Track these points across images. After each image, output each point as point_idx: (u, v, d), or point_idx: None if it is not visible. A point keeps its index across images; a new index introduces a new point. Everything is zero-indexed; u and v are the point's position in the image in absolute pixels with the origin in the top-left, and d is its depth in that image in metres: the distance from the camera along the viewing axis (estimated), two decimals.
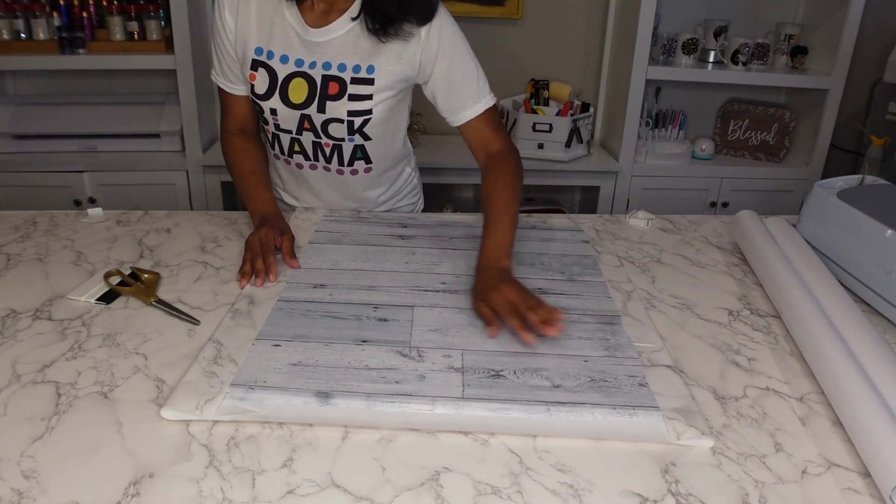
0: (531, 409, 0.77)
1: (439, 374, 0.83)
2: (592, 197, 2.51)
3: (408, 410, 0.76)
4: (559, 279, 1.10)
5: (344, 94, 1.15)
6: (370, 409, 0.76)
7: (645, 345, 0.92)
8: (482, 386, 0.81)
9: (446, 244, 1.21)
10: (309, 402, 0.77)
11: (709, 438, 0.75)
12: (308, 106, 1.17)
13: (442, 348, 0.88)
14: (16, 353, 0.85)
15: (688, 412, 0.78)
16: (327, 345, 0.88)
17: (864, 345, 0.84)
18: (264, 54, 1.16)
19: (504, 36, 2.53)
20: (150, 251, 1.15)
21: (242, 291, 1.02)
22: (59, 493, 0.64)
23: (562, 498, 0.66)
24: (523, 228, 1.31)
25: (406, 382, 0.81)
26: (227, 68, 1.22)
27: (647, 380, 0.84)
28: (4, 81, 2.36)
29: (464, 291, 1.03)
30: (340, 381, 0.80)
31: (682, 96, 2.64)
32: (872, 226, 1.05)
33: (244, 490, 0.65)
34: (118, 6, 2.19)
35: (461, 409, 0.77)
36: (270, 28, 1.14)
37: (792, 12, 2.60)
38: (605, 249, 1.24)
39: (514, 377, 0.83)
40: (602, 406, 0.78)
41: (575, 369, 0.85)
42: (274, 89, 1.17)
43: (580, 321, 0.97)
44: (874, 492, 0.69)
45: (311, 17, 1.13)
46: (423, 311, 0.97)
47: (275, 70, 1.16)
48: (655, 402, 0.79)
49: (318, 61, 1.14)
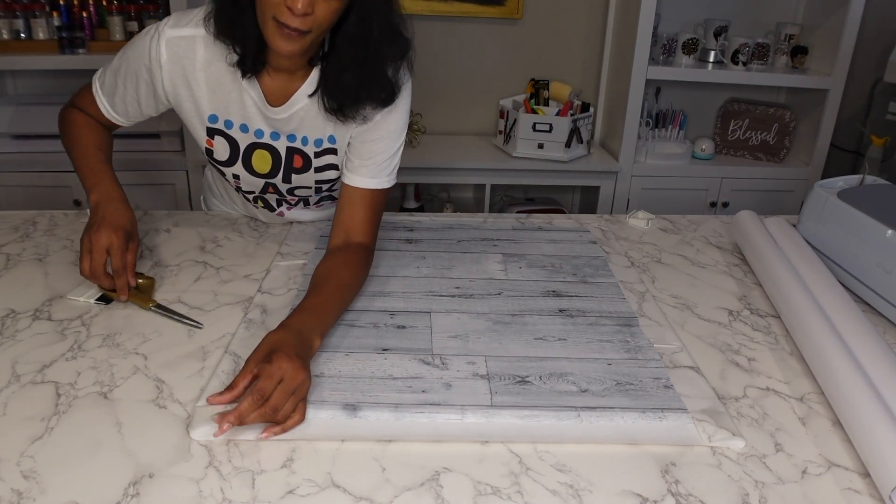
0: (562, 415, 0.76)
1: (465, 381, 0.82)
2: (592, 197, 2.51)
3: (438, 421, 0.75)
4: (572, 281, 1.10)
5: (310, 168, 1.12)
6: (399, 420, 0.75)
7: (665, 346, 0.92)
8: (510, 393, 0.80)
9: (455, 247, 1.20)
10: (336, 416, 0.75)
11: (739, 439, 0.75)
12: (273, 176, 1.14)
13: (464, 355, 0.87)
14: (16, 353, 0.85)
15: (715, 413, 0.79)
16: (348, 354, 0.86)
17: (864, 345, 0.84)
18: (220, 122, 1.08)
19: (504, 36, 2.53)
20: (149, 251, 1.15)
21: (254, 300, 1.00)
22: (59, 493, 0.64)
23: (562, 498, 0.66)
24: (529, 230, 1.30)
25: (433, 391, 0.79)
26: (128, 104, 1.09)
27: (671, 381, 0.84)
28: (4, 81, 2.36)
29: (479, 296, 1.03)
30: (366, 393, 0.78)
31: (682, 96, 2.64)
32: (872, 226, 1.05)
33: (244, 490, 0.65)
34: (118, 6, 2.19)
35: (491, 417, 0.76)
36: (227, 97, 1.06)
37: (792, 12, 2.60)
38: (613, 250, 1.24)
39: (541, 383, 0.82)
40: (631, 410, 0.78)
41: (599, 373, 0.85)
42: (236, 158, 1.11)
43: (598, 323, 0.97)
44: (874, 492, 0.69)
45: (269, 90, 1.04)
46: (441, 317, 0.96)
47: (235, 139, 1.10)
48: (683, 405, 0.79)
49: (282, 133, 1.09)
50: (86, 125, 1.12)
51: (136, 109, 1.11)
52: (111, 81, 1.09)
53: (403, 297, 1.01)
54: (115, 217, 1.00)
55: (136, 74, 1.06)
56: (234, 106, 1.06)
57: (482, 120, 2.61)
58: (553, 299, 1.03)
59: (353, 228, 1.06)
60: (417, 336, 0.91)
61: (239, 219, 1.29)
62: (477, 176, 2.40)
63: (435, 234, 1.26)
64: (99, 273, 0.96)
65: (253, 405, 0.71)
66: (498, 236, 1.26)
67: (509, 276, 1.10)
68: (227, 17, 0.97)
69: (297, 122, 1.08)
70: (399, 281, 1.06)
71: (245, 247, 1.18)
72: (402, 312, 0.97)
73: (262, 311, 0.97)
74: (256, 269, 1.10)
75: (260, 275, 1.08)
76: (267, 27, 0.91)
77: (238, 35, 0.97)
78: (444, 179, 2.40)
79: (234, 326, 0.93)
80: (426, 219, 1.34)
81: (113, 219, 0.99)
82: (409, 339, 0.90)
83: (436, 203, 2.66)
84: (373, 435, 0.73)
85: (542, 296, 1.04)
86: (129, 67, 1.06)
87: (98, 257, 0.95)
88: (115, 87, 1.09)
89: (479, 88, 2.56)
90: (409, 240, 1.22)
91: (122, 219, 1.00)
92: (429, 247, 1.20)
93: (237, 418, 0.71)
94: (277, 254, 1.15)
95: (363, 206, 1.07)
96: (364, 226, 1.06)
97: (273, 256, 1.15)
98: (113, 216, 1.00)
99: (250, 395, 0.71)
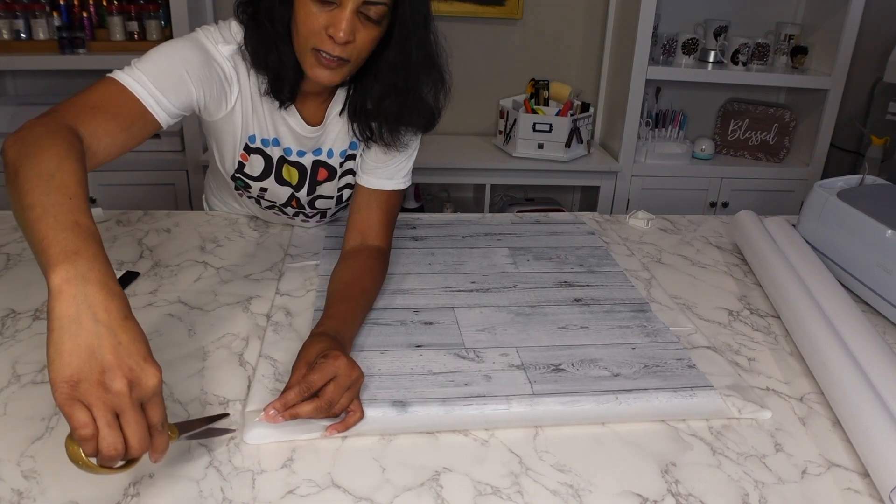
0: (601, 399, 0.80)
1: (503, 373, 0.85)
2: (592, 197, 2.51)
3: (486, 412, 0.78)
4: (580, 271, 1.13)
5: (334, 177, 1.13)
6: (449, 413, 0.77)
7: (679, 329, 0.97)
8: (548, 381, 0.83)
9: (460, 243, 1.23)
10: (387, 413, 0.76)
11: (767, 410, 0.80)
12: (299, 189, 1.14)
13: (496, 347, 0.90)
14: (16, 353, 0.85)
15: (740, 388, 0.84)
16: (383, 353, 0.88)
17: (864, 345, 0.84)
18: (258, 141, 1.06)
19: (504, 36, 2.53)
20: (150, 251, 1.15)
21: (275, 302, 0.98)
22: (59, 493, 0.64)
23: (562, 498, 0.66)
24: (528, 223, 1.32)
25: (475, 384, 0.82)
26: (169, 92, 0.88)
27: (693, 361, 0.89)
28: (4, 81, 2.36)
29: (495, 289, 1.06)
30: (411, 389, 0.80)
31: (682, 96, 2.64)
32: (872, 226, 1.05)
33: (244, 490, 0.65)
34: (118, 6, 2.19)
35: (535, 405, 0.79)
36: (270, 117, 1.04)
37: (792, 12, 2.60)
38: (612, 240, 1.27)
39: (575, 370, 0.86)
40: (664, 390, 0.82)
41: (626, 357, 0.89)
42: (269, 173, 1.11)
43: (614, 310, 1.01)
44: (874, 492, 0.69)
45: (304, 112, 1.05)
46: (464, 312, 0.98)
47: (270, 156, 1.09)
48: (709, 382, 0.84)
49: (308, 149, 1.10)
50: (72, 150, 0.69)
51: (178, 101, 0.90)
52: (153, 69, 0.87)
53: (423, 294, 1.03)
54: (132, 349, 0.56)
55: (200, 66, 0.92)
56: (271, 126, 1.06)
57: (482, 120, 2.61)
58: (566, 289, 1.07)
59: (369, 230, 1.05)
60: (446, 331, 0.93)
61: (239, 219, 1.29)
62: (477, 176, 2.40)
63: (439, 230, 1.28)
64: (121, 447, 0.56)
65: (299, 395, 0.71)
66: (500, 231, 1.29)
67: (519, 268, 1.13)
68: (264, 49, 0.95)
69: (326, 137, 1.09)
70: (415, 278, 1.08)
71: (245, 247, 1.18)
72: (425, 309, 0.99)
73: (286, 312, 0.97)
74: (257, 269, 1.10)
75: (260, 275, 1.08)
76: (306, 58, 0.91)
77: (274, 66, 0.96)
78: (444, 179, 2.40)
79: (235, 327, 0.93)
80: (427, 216, 1.35)
81: (131, 352, 0.56)
82: (440, 334, 0.93)
83: (436, 203, 2.65)
84: (424, 429, 0.75)
85: (556, 286, 1.08)
86: (184, 58, 0.91)
87: (117, 433, 0.55)
88: (165, 78, 0.88)
89: (479, 88, 2.56)
90: (414, 237, 1.24)
91: (143, 348, 0.57)
92: (436, 243, 1.22)
93: (283, 405, 0.71)
94: (286, 255, 1.14)
95: (379, 207, 1.07)
96: (380, 228, 1.06)
97: (274, 256, 1.15)
98: (129, 346, 0.56)
99: (297, 386, 0.71)
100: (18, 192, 0.63)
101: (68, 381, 0.53)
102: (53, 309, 0.55)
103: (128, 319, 0.57)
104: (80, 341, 0.54)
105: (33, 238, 0.59)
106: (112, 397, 0.54)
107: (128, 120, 0.84)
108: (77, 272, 0.56)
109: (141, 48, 2.17)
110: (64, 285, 0.55)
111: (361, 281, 0.96)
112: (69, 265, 0.56)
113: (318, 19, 0.88)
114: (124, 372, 0.55)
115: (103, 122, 0.80)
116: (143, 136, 0.87)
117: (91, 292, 0.56)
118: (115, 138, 0.82)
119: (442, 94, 1.03)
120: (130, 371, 0.55)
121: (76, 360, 0.54)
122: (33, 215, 0.60)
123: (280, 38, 0.93)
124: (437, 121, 1.06)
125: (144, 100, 0.86)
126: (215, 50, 0.96)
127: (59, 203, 0.61)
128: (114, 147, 0.82)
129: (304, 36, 0.89)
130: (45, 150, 0.67)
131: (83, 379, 0.53)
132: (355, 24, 0.88)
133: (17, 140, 0.69)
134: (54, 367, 0.53)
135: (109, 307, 0.56)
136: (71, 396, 0.53)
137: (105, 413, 0.54)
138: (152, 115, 0.87)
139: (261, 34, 0.94)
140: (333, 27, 0.87)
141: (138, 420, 0.56)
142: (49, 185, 0.63)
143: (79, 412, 0.53)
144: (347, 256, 1.02)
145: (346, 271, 0.98)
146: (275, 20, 0.92)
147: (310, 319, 0.94)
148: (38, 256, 0.58)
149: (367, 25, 0.89)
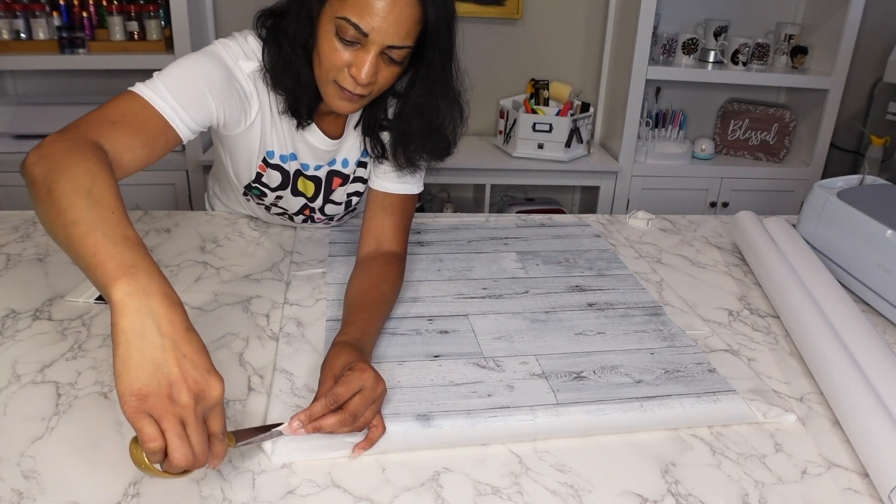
0: (626, 407, 0.78)
1: (525, 382, 0.82)
2: (592, 197, 2.51)
3: (511, 423, 0.75)
4: (591, 275, 1.12)
5: (346, 183, 1.15)
6: (474, 426, 0.74)
7: (695, 332, 0.96)
8: (571, 389, 0.81)
9: (467, 248, 1.21)
10: (412, 428, 0.73)
11: (791, 413, 0.79)
12: (314, 200, 1.16)
13: (515, 356, 0.88)
14: (16, 353, 0.85)
15: (763, 392, 0.83)
16: (401, 364, 0.85)
17: (864, 345, 0.84)
18: (276, 157, 1.07)
19: (504, 36, 2.53)
20: (150, 251, 1.15)
21: (284, 313, 0.96)
22: (59, 493, 0.64)
23: (562, 498, 0.66)
24: (532, 227, 1.31)
25: (498, 395, 0.80)
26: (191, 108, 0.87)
27: (713, 365, 0.88)
28: (4, 81, 2.36)
29: (508, 295, 1.04)
30: (433, 402, 0.78)
31: (682, 96, 2.64)
32: (872, 226, 1.05)
33: (244, 490, 0.65)
34: (118, 6, 2.19)
35: (560, 415, 0.77)
36: (289, 134, 1.05)
37: (792, 12, 2.60)
38: (617, 242, 1.27)
39: (596, 377, 0.84)
40: (688, 396, 0.81)
41: (646, 363, 0.88)
42: (287, 185, 1.12)
43: (628, 315, 1.00)
44: (873, 492, 0.69)
45: (324, 128, 1.06)
46: (479, 319, 0.96)
47: (287, 170, 1.10)
48: (731, 386, 0.83)
49: (324, 162, 1.11)
50: (103, 165, 0.69)
51: (198, 116, 0.89)
52: (175, 84, 0.86)
53: (435, 302, 1.01)
54: (196, 361, 0.58)
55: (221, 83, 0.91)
56: (290, 142, 1.06)
57: (482, 120, 2.61)
58: (579, 294, 1.05)
59: (384, 235, 1.04)
60: (462, 340, 0.91)
61: (239, 219, 1.29)
62: (477, 176, 2.40)
63: (443, 234, 1.26)
64: (217, 430, 0.60)
65: (325, 407, 0.68)
66: (505, 234, 1.27)
67: (529, 273, 1.12)
68: (284, 71, 0.94)
69: (343, 147, 1.10)
70: (426, 285, 1.06)
71: (245, 247, 1.18)
72: (439, 317, 0.97)
73: (297, 323, 0.94)
74: (257, 269, 1.10)
75: (260, 275, 1.08)
76: (327, 88, 0.91)
77: (294, 89, 0.96)
78: (444, 179, 2.40)
79: (235, 327, 0.93)
80: (429, 220, 1.34)
81: (196, 364, 0.58)
82: (456, 343, 0.90)
83: (436, 203, 2.65)
84: (449, 443, 0.72)
85: (568, 291, 1.06)
86: (206, 74, 0.90)
87: (186, 444, 0.56)
88: (183, 87, 0.87)
89: (479, 88, 2.55)
90: (420, 242, 1.22)
91: (206, 360, 0.59)
92: (442, 248, 1.20)
93: (308, 417, 0.68)
94: (291, 263, 1.13)
95: (394, 212, 1.05)
96: (395, 232, 1.04)
97: (274, 256, 1.15)
98: (193, 357, 0.58)
99: (324, 398, 0.68)
100: (57, 209, 0.63)
101: (136, 394, 0.54)
102: (118, 323, 0.56)
103: (190, 331, 0.58)
104: (146, 355, 0.55)
105: (83, 253, 0.60)
106: (180, 409, 0.56)
107: (151, 135, 0.83)
108: (138, 285, 0.57)
109: (141, 48, 2.19)
110: (126, 299, 0.56)
111: (380, 288, 0.94)
112: (129, 279, 0.57)
113: (342, 56, 0.87)
114: (190, 384, 0.56)
115: (126, 136, 0.79)
116: (165, 152, 0.86)
117: (154, 305, 0.57)
118: (137, 153, 0.80)
119: (460, 126, 1.03)
120: (196, 383, 0.57)
121: (143, 373, 0.55)
122: (79, 231, 0.61)
123: (301, 62, 0.93)
124: (452, 151, 1.06)
125: (167, 115, 0.84)
126: (236, 67, 0.95)
127: (104, 218, 0.62)
128: (135, 162, 0.81)
129: (326, 69, 0.89)
130: (75, 166, 0.67)
131: (151, 392, 0.55)
132: (378, 64, 0.88)
133: (41, 156, 0.69)
134: (122, 380, 0.54)
135: (173, 319, 0.57)
136: (139, 409, 0.54)
137: (174, 425, 0.55)
138: (174, 131, 0.86)
139: (282, 57, 0.93)
140: (356, 67, 0.87)
141: (201, 431, 0.57)
142: (89, 200, 0.63)
143: (147, 426, 0.54)
144: (363, 263, 1.01)
145: (363, 279, 0.96)
146: (297, 44, 0.92)
147: (322, 330, 0.92)
148: (90, 271, 0.59)
149: (391, 65, 0.89)
